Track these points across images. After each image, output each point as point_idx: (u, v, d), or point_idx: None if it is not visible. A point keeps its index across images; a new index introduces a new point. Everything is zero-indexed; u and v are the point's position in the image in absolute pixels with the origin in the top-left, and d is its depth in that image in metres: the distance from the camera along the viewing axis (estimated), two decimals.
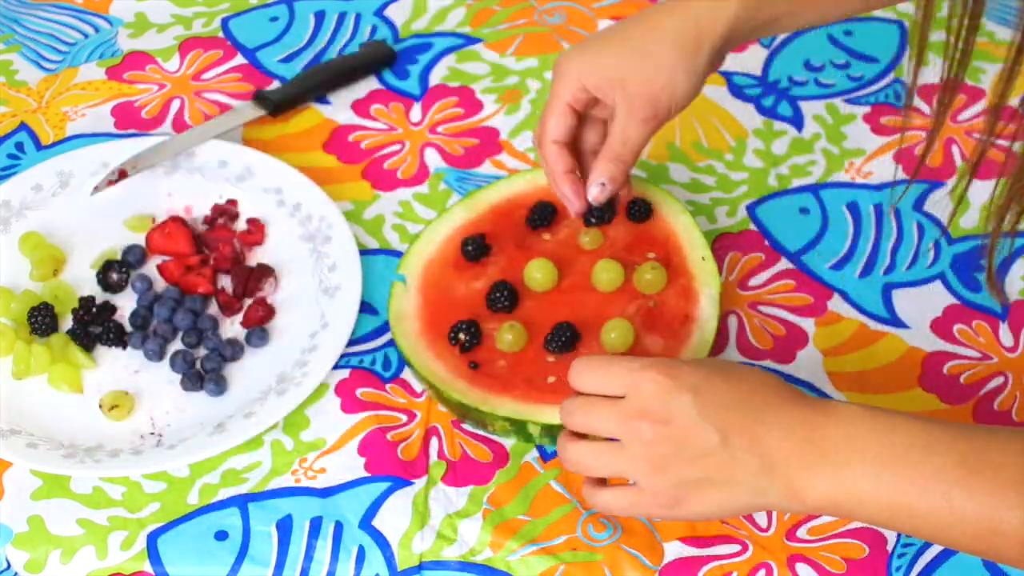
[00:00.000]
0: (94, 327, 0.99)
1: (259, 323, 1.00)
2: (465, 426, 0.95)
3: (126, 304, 1.02)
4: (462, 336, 0.95)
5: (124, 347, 0.99)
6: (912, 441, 0.76)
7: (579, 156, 0.98)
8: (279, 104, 1.16)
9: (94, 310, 1.00)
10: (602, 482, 0.84)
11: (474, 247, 1.01)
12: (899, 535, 0.89)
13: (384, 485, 0.92)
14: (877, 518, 0.78)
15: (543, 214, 1.03)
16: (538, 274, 0.99)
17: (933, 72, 0.79)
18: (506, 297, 0.97)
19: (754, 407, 0.79)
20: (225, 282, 1.03)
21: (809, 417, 0.78)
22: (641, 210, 1.02)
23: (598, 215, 1.00)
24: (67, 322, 1.01)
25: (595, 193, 0.96)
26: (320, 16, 1.26)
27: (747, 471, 0.78)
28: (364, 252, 1.05)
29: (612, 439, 0.81)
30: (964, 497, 0.75)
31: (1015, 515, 0.74)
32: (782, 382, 0.81)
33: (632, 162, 0.96)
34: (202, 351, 0.99)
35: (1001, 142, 0.85)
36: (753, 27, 0.94)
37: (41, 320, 0.99)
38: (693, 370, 0.80)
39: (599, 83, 0.94)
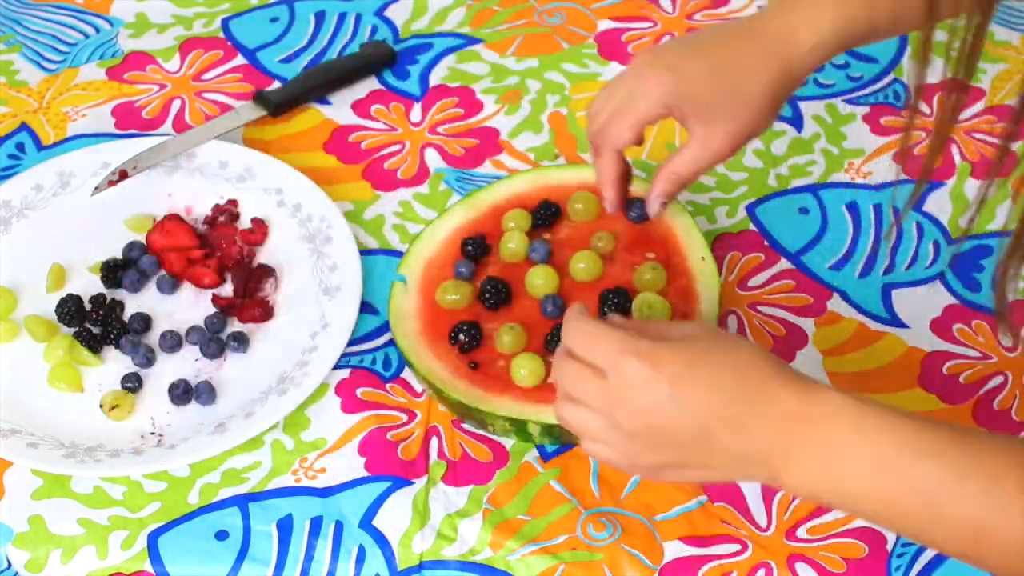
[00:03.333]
0: (96, 328, 0.99)
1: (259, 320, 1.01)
2: (465, 426, 0.95)
3: (131, 302, 1.03)
4: (462, 337, 0.95)
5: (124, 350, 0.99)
6: (905, 440, 0.75)
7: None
8: (279, 104, 1.16)
9: (101, 311, 1.00)
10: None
11: (474, 247, 1.01)
12: (899, 535, 0.89)
13: (384, 485, 0.92)
14: (857, 511, 0.78)
15: (544, 214, 1.03)
16: (539, 280, 0.99)
17: (932, 72, 0.78)
18: (495, 293, 0.97)
19: (736, 396, 0.77)
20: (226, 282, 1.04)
21: (796, 406, 0.76)
22: (641, 210, 1.02)
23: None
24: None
25: (656, 209, 0.97)
26: (320, 16, 1.26)
27: (725, 458, 0.77)
28: (364, 252, 1.05)
29: None
30: (950, 503, 0.74)
31: (999, 525, 0.73)
32: (771, 361, 0.78)
33: (689, 184, 0.97)
34: None
35: None
36: (839, 48, 0.93)
37: (69, 311, 0.99)
38: (675, 356, 0.78)
39: (682, 109, 0.93)
